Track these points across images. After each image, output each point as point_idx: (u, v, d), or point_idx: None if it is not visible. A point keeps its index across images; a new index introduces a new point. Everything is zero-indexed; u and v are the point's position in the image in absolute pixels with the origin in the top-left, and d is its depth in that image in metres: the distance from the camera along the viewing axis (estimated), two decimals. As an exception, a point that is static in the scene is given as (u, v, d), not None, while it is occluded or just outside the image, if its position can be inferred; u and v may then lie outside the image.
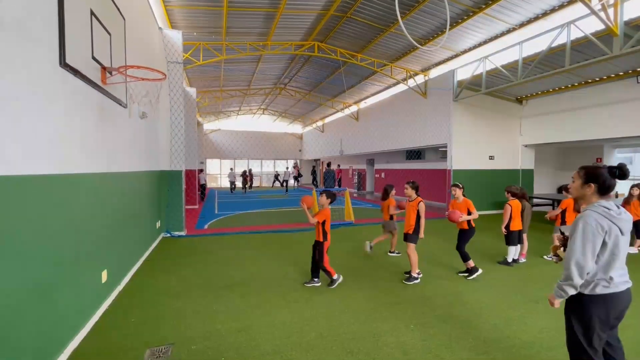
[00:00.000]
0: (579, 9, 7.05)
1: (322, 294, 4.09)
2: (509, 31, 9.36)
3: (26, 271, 2.27)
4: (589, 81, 9.55)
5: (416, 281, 4.47)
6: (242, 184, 20.75)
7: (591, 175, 1.93)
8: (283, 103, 22.02)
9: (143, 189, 5.60)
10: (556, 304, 2.00)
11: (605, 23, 6.08)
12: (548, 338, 3.05)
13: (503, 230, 5.27)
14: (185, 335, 3.10)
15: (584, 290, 1.89)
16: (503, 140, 11.79)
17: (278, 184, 23.80)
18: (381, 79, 15.21)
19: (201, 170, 16.77)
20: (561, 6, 7.87)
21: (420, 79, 12.95)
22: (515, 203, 5.29)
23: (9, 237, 2.11)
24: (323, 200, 4.31)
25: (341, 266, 5.23)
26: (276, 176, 24.37)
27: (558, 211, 5.53)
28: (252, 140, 26.58)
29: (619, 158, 13.67)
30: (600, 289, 1.85)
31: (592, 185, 1.92)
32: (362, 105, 18.88)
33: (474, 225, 4.86)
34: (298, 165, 26.37)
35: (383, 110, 15.83)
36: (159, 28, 7.50)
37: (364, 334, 3.12)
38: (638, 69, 8.37)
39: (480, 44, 10.46)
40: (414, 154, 15.63)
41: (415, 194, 4.57)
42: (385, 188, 5.88)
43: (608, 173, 1.89)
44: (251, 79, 16.43)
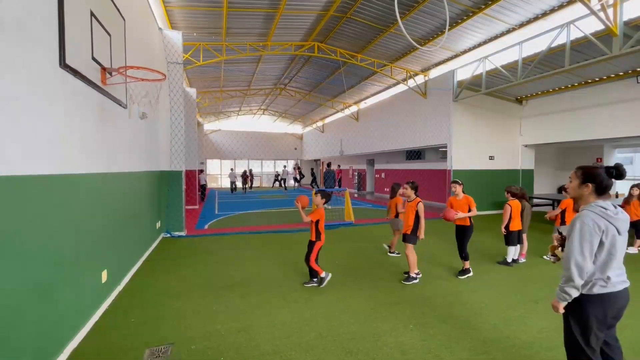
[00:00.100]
0: (579, 9, 7.06)
1: (322, 294, 4.09)
2: (509, 31, 9.37)
3: (26, 271, 2.27)
4: (589, 81, 9.55)
5: (415, 281, 4.47)
6: (242, 184, 20.83)
7: (589, 175, 1.94)
8: (283, 103, 22.02)
9: (143, 189, 5.61)
10: (560, 309, 1.96)
11: (604, 23, 6.08)
12: (547, 338, 3.05)
13: (503, 230, 5.27)
14: (185, 335, 3.10)
15: (582, 290, 1.89)
16: (503, 140, 11.79)
17: (278, 184, 23.82)
18: (381, 79, 15.21)
19: (201, 170, 16.78)
20: (561, 6, 7.87)
21: (420, 79, 12.95)
22: (515, 203, 5.29)
23: (9, 237, 2.11)
24: (318, 200, 4.32)
25: (341, 266, 5.24)
26: (276, 176, 24.38)
27: (558, 211, 5.53)
28: (253, 140, 26.58)
29: (619, 158, 13.67)
30: (597, 289, 1.86)
31: (590, 185, 1.93)
32: (362, 105, 18.89)
33: (473, 222, 4.85)
34: (298, 165, 26.38)
35: (383, 110, 15.83)
36: (159, 29, 7.51)
37: (364, 334, 3.12)
38: (638, 69, 8.37)
39: (480, 44, 10.46)
40: (414, 154, 15.64)
41: (414, 195, 4.57)
42: (392, 186, 5.87)
43: (605, 173, 1.90)
44: (251, 80, 16.44)
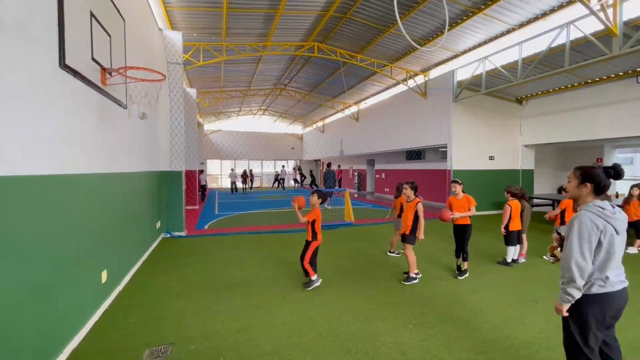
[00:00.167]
0: (578, 10, 7.06)
1: (322, 294, 4.09)
2: (509, 31, 9.37)
3: (26, 271, 2.28)
4: (589, 81, 9.55)
5: (414, 281, 4.47)
6: (242, 184, 21.00)
7: (587, 175, 1.94)
8: (283, 104, 22.03)
9: (143, 190, 5.61)
10: (564, 311, 1.94)
11: (604, 23, 6.08)
12: (547, 338, 3.06)
13: (502, 230, 5.28)
14: (184, 335, 3.11)
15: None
16: (503, 140, 11.79)
17: (277, 185, 23.84)
18: (381, 80, 15.22)
19: (202, 170, 16.79)
20: (560, 6, 7.87)
21: (420, 80, 12.96)
22: (514, 203, 5.30)
23: (10, 237, 2.12)
24: (314, 200, 4.31)
25: (341, 266, 5.25)
26: (276, 177, 24.40)
27: (557, 211, 5.53)
28: (253, 140, 26.59)
29: (620, 158, 13.67)
30: (596, 289, 1.86)
31: (589, 185, 1.94)
32: (362, 105, 18.90)
33: (471, 221, 4.85)
34: (299, 166, 26.38)
35: (383, 110, 15.83)
36: (159, 29, 7.52)
37: (363, 334, 3.13)
38: (638, 69, 8.37)
39: (479, 45, 10.46)
40: (414, 155, 15.63)
41: (413, 195, 4.56)
42: (397, 186, 5.78)
43: (603, 173, 1.90)
44: (251, 80, 16.45)
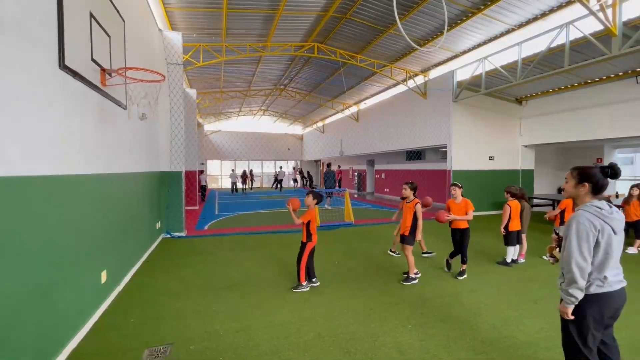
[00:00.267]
0: (578, 10, 7.06)
1: (321, 295, 4.10)
2: (508, 32, 9.37)
3: (26, 271, 2.29)
4: (589, 81, 9.55)
5: (414, 282, 4.47)
6: (242, 185, 21.20)
7: (585, 175, 1.95)
8: (283, 104, 22.05)
9: (143, 190, 5.62)
10: (569, 313, 1.91)
11: (603, 23, 6.09)
12: (546, 338, 3.06)
13: (502, 230, 5.28)
14: (184, 335, 3.11)
15: None
16: (503, 140, 11.79)
17: (276, 185, 23.86)
18: (381, 80, 15.22)
19: (202, 171, 16.81)
20: (560, 7, 7.88)
21: (420, 80, 12.96)
22: (514, 203, 5.30)
23: (10, 238, 2.12)
24: (309, 200, 4.29)
25: (340, 267, 5.25)
26: (276, 177, 24.42)
27: (557, 211, 5.53)
28: (253, 141, 26.60)
29: (620, 158, 13.67)
30: (594, 288, 1.87)
31: (586, 184, 1.94)
32: (362, 106, 18.91)
33: (469, 225, 4.85)
34: (300, 168, 26.38)
35: (383, 111, 15.84)
36: (159, 30, 7.53)
37: (362, 334, 3.13)
38: (637, 69, 8.37)
39: (479, 45, 10.47)
40: (414, 155, 15.63)
41: (412, 195, 4.56)
42: (415, 187, 5.68)
43: (600, 173, 1.91)
44: (251, 80, 16.46)
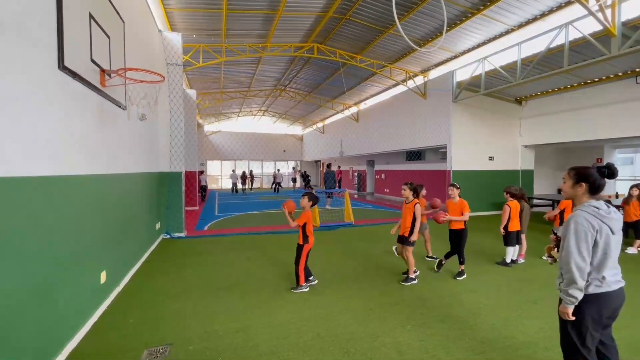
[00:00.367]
0: (577, 10, 7.07)
1: (320, 295, 4.10)
2: (508, 32, 9.38)
3: (26, 271, 2.29)
4: (588, 82, 9.55)
5: (413, 282, 4.47)
6: (241, 185, 21.44)
7: (582, 175, 1.95)
8: (283, 104, 22.06)
9: (142, 191, 5.62)
10: (569, 314, 1.90)
11: (602, 24, 6.09)
12: (545, 338, 3.06)
13: (501, 231, 5.28)
14: (183, 335, 3.11)
15: None
16: (503, 140, 11.79)
17: (281, 187, 23.87)
18: (381, 80, 15.23)
19: (202, 171, 16.83)
20: (559, 7, 7.89)
21: (419, 80, 12.97)
22: (514, 204, 5.30)
23: (9, 238, 2.13)
24: (304, 202, 4.28)
25: (339, 267, 5.25)
26: (274, 179, 24.41)
27: (557, 212, 5.54)
28: (253, 141, 26.62)
29: (619, 158, 13.67)
30: (592, 289, 1.87)
31: (584, 184, 1.95)
32: (362, 106, 18.91)
33: (467, 225, 4.84)
34: (297, 169, 26.38)
35: (383, 111, 15.85)
36: (159, 30, 7.54)
37: (361, 335, 3.13)
38: (637, 69, 8.38)
39: (479, 45, 10.47)
40: (414, 155, 15.64)
41: (412, 196, 4.56)
42: (415, 187, 5.59)
43: (597, 173, 1.91)
44: (251, 81, 16.47)
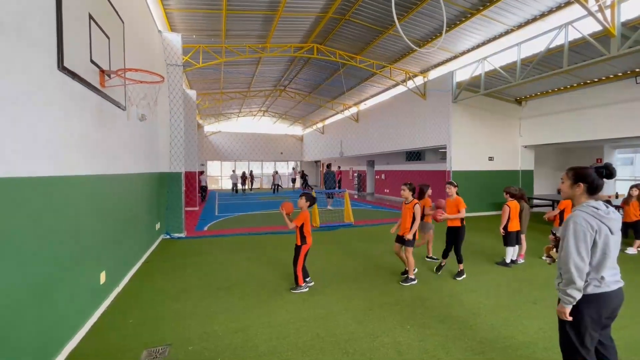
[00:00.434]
0: (577, 11, 7.07)
1: (320, 295, 4.10)
2: (507, 32, 9.38)
3: (26, 271, 2.30)
4: (588, 82, 9.55)
5: (413, 282, 4.47)
6: (241, 185, 21.60)
7: (580, 175, 1.96)
8: (283, 105, 22.07)
9: (142, 191, 5.63)
10: (567, 313, 1.91)
11: (602, 24, 6.09)
12: (544, 338, 3.06)
13: (501, 231, 5.28)
14: (182, 336, 3.11)
15: None
16: (502, 141, 11.79)
17: (280, 188, 23.87)
18: (380, 81, 15.24)
19: (202, 172, 16.85)
20: (558, 8, 7.89)
21: (419, 81, 12.97)
22: (513, 204, 5.30)
23: (9, 238, 2.13)
24: (301, 202, 4.28)
25: (339, 267, 5.25)
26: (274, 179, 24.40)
27: (556, 212, 5.54)
28: (253, 142, 26.63)
29: (619, 159, 13.65)
30: (591, 289, 1.87)
31: (582, 184, 1.95)
32: (362, 106, 18.92)
33: (464, 223, 4.81)
34: (297, 169, 26.37)
35: (383, 111, 15.85)
36: (159, 31, 7.55)
37: (361, 335, 3.13)
38: (636, 70, 8.38)
39: (478, 46, 10.48)
40: (414, 155, 15.64)
41: (411, 196, 4.54)
42: (421, 187, 5.57)
43: (595, 173, 1.91)
44: (251, 81, 16.48)
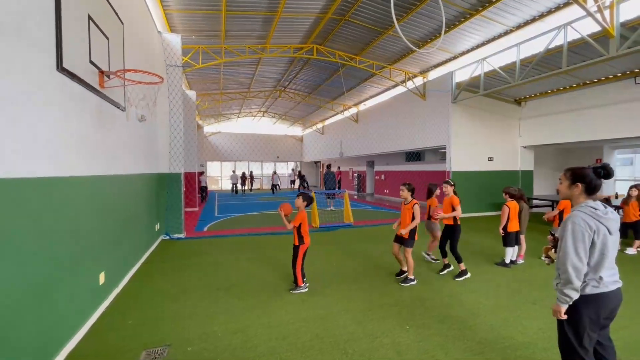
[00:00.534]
0: (576, 11, 7.08)
1: (319, 296, 4.10)
2: (506, 33, 9.39)
3: (25, 272, 2.30)
4: (587, 82, 9.57)
5: (412, 283, 4.47)
6: (240, 186, 21.69)
7: (578, 175, 1.96)
8: (283, 105, 22.08)
9: (142, 192, 5.63)
10: (562, 313, 1.92)
11: (601, 25, 6.10)
12: (544, 338, 3.06)
13: (501, 231, 5.29)
14: (182, 336, 3.11)
15: None
16: (502, 141, 11.79)
17: (278, 189, 23.85)
18: (380, 81, 15.25)
19: (202, 172, 16.86)
20: (557, 8, 7.90)
21: (419, 81, 12.98)
22: (512, 204, 5.30)
23: (9, 238, 2.14)
24: (299, 202, 4.27)
25: (339, 268, 5.25)
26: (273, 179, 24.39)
27: (556, 212, 5.54)
28: (253, 142, 26.65)
29: (619, 159, 13.67)
30: (590, 289, 1.87)
31: (580, 185, 1.95)
32: (362, 107, 18.92)
33: (459, 222, 4.83)
34: (296, 169, 26.37)
35: (382, 112, 15.86)
36: (158, 32, 7.55)
37: (360, 335, 3.13)
38: (635, 70, 8.39)
39: (478, 46, 10.49)
40: (414, 156, 15.65)
41: (410, 197, 4.53)
42: (429, 187, 5.59)
43: (593, 173, 1.91)
44: (251, 82, 16.49)
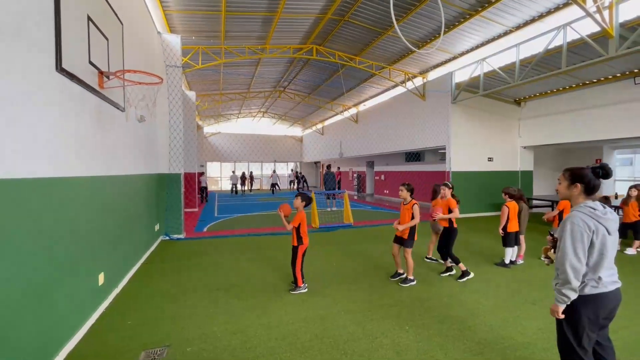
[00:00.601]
0: (575, 11, 7.09)
1: (319, 296, 4.10)
2: (506, 33, 9.40)
3: (25, 272, 2.30)
4: (587, 83, 9.58)
5: (412, 283, 4.47)
6: (240, 186, 21.76)
7: (576, 175, 1.96)
8: (282, 106, 22.09)
9: (141, 192, 5.62)
10: (560, 313, 1.93)
11: (600, 25, 6.11)
12: (543, 339, 3.06)
13: (500, 231, 5.29)
14: (181, 337, 3.11)
15: None
16: (502, 142, 11.79)
17: (277, 189, 23.84)
18: (380, 82, 15.26)
19: (202, 173, 16.87)
20: (557, 8, 7.91)
21: (418, 82, 12.99)
22: (512, 204, 5.30)
23: (9, 239, 2.14)
24: (298, 202, 4.27)
25: (338, 268, 5.25)
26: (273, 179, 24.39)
27: (555, 212, 5.54)
28: (252, 143, 26.66)
29: (619, 159, 13.68)
30: (589, 289, 1.87)
31: (579, 185, 1.95)
32: (361, 107, 18.93)
33: (456, 225, 4.82)
34: (296, 170, 26.37)
35: (382, 112, 15.87)
36: (158, 32, 7.56)
37: (359, 336, 3.13)
38: (635, 70, 8.40)
39: (477, 47, 10.49)
40: (413, 156, 15.65)
41: (410, 197, 4.53)
42: (434, 188, 5.60)
43: (592, 173, 1.91)
44: (250, 82, 16.50)
